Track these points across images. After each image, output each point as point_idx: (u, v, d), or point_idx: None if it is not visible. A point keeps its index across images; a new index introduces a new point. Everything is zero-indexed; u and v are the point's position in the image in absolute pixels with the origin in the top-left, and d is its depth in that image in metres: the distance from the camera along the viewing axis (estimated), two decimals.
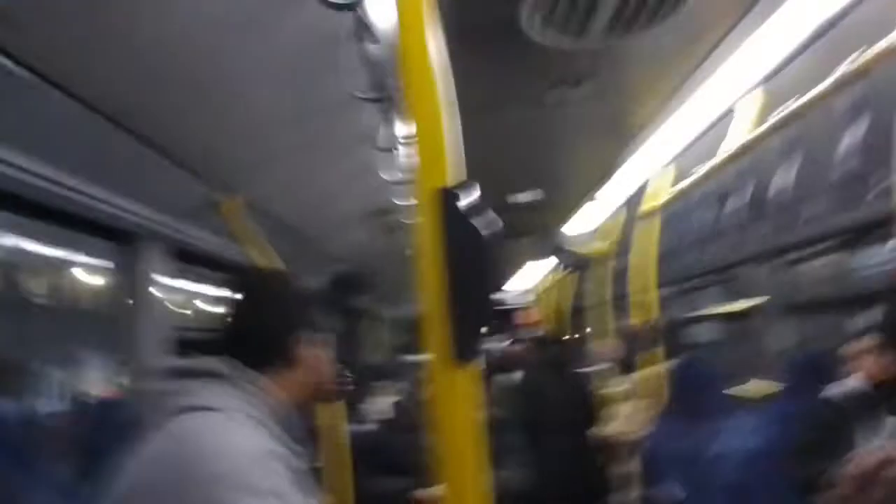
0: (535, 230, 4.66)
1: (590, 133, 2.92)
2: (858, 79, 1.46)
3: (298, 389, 1.21)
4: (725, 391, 2.64)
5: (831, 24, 1.58)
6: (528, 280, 8.60)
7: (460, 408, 0.74)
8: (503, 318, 6.91)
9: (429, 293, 0.73)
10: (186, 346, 1.23)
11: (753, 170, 2.04)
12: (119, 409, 2.03)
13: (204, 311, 3.03)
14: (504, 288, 9.83)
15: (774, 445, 2.54)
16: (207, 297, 3.07)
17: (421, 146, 0.76)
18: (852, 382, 2.32)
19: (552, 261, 5.54)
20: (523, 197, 4.01)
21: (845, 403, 2.31)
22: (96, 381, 2.39)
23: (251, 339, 1.17)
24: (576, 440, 3.76)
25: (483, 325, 0.73)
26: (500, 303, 9.92)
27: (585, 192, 3.88)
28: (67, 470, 1.69)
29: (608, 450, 3.50)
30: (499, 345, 5.47)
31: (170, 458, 0.97)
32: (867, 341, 2.31)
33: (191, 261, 2.49)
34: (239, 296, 1.25)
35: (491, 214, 0.74)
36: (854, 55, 1.45)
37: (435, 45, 0.79)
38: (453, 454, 0.74)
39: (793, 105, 1.72)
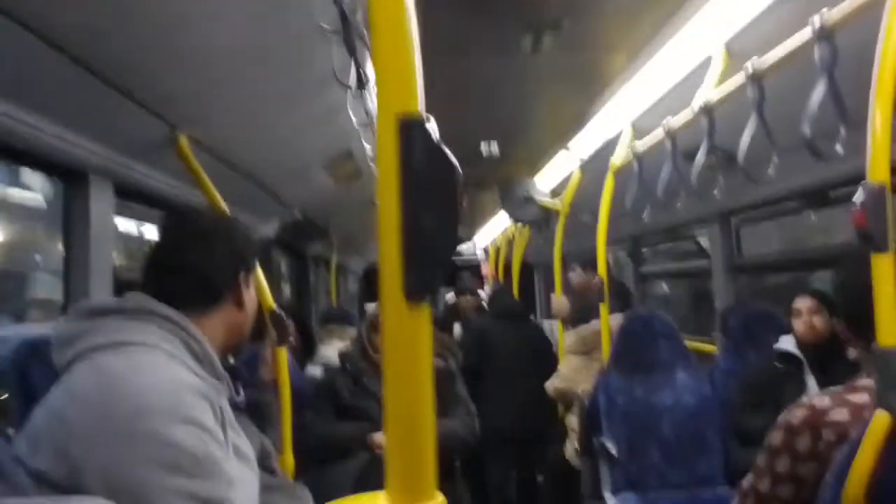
0: (503, 181, 4.65)
1: (562, 82, 2.90)
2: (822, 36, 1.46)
3: (227, 328, 1.20)
4: (670, 347, 2.71)
5: None
6: (487, 234, 8.63)
7: (412, 348, 0.73)
8: (467, 272, 6.97)
9: (386, 227, 0.71)
10: (127, 286, 1.22)
11: (717, 127, 2.04)
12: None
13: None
14: (466, 241, 9.88)
15: (714, 401, 2.65)
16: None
17: (383, 73, 0.73)
18: (787, 343, 2.41)
19: (504, 216, 5.57)
20: (491, 147, 3.99)
21: (780, 363, 2.41)
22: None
23: (176, 277, 1.15)
24: (529, 389, 3.86)
25: (442, 262, 0.72)
26: (460, 255, 10.01)
27: (555, 144, 3.88)
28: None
29: (559, 400, 3.59)
30: (451, 297, 5.53)
31: (90, 395, 0.94)
32: (806, 302, 2.40)
33: (140, 200, 2.41)
34: (166, 234, 1.22)
35: (449, 155, 0.72)
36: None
37: None
38: (402, 396, 0.73)
39: (760, 61, 1.72)
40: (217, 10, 1.54)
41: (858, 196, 1.17)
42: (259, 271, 2.14)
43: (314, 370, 3.11)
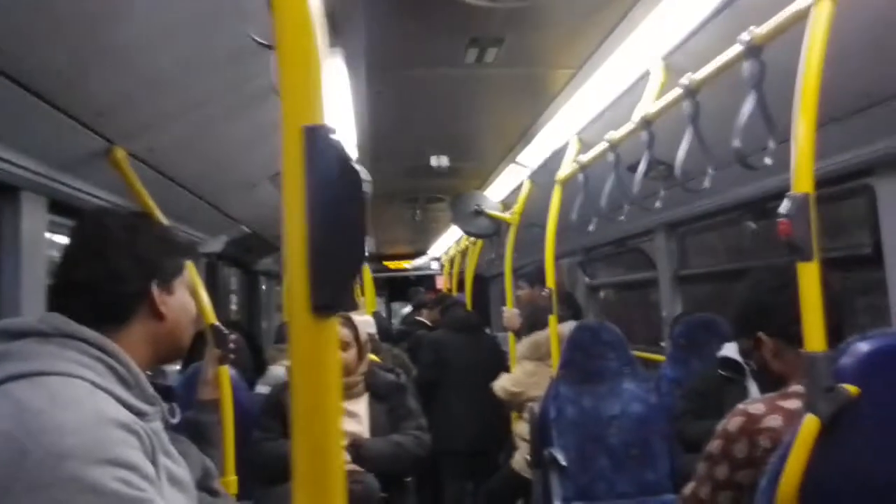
0: (453, 195, 4.67)
1: (508, 96, 2.93)
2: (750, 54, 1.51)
3: (151, 343, 1.12)
4: (617, 357, 2.75)
5: None
6: (442, 247, 8.64)
7: (319, 363, 0.71)
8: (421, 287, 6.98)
9: (292, 239, 0.69)
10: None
11: (660, 141, 2.08)
12: None
13: None
14: (421, 255, 9.88)
15: (660, 409, 2.69)
16: None
17: (288, 82, 0.72)
18: (729, 350, 2.47)
19: (457, 229, 5.59)
20: (441, 160, 4.00)
21: (723, 370, 2.46)
22: None
23: (75, 295, 1.06)
24: (484, 402, 3.86)
25: (348, 273, 0.70)
26: (417, 269, 10.00)
27: (504, 157, 3.91)
28: None
29: (508, 403, 3.60)
30: (406, 310, 5.52)
31: (4, 433, 0.88)
32: None
33: (78, 217, 2.33)
34: (74, 241, 1.13)
35: (356, 164, 0.71)
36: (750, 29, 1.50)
37: None
38: (309, 412, 0.71)
39: (694, 76, 1.77)
40: (151, 22, 1.51)
41: (784, 207, 1.21)
42: (199, 285, 2.09)
43: (263, 389, 3.04)
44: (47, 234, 2.10)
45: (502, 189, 4.46)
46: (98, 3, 1.36)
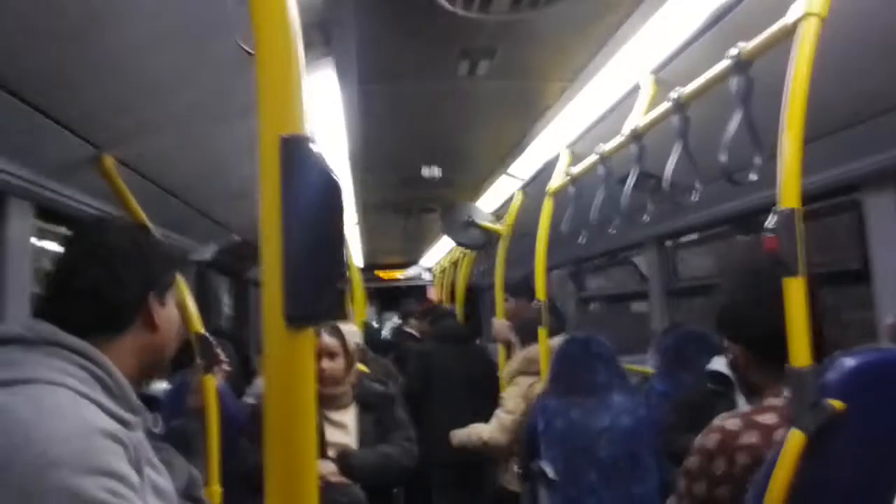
0: (445, 206, 4.67)
1: (500, 107, 2.94)
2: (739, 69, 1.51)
3: (141, 353, 1.12)
4: (606, 369, 2.74)
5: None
6: (434, 257, 8.62)
7: (293, 376, 0.70)
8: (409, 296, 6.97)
9: (268, 249, 0.69)
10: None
11: (651, 155, 2.08)
12: None
13: None
14: (413, 265, 9.86)
15: (650, 423, 2.68)
16: None
17: (266, 92, 0.72)
18: (718, 364, 2.46)
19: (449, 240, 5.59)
20: (433, 171, 4.00)
21: (712, 383, 2.45)
22: None
23: (75, 302, 1.06)
24: (474, 413, 3.84)
25: (325, 285, 0.69)
26: (410, 279, 9.99)
27: (496, 168, 3.92)
28: None
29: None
30: (396, 321, 5.50)
31: None
32: None
33: (66, 224, 2.32)
34: (65, 253, 1.13)
35: (334, 175, 0.70)
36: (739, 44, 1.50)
37: None
38: (283, 425, 0.70)
39: (683, 91, 1.77)
40: (143, 29, 1.51)
41: (770, 221, 1.21)
42: (186, 294, 2.08)
43: (251, 400, 3.01)
44: (33, 240, 2.09)
45: (494, 200, 4.46)
46: (89, 10, 1.35)
